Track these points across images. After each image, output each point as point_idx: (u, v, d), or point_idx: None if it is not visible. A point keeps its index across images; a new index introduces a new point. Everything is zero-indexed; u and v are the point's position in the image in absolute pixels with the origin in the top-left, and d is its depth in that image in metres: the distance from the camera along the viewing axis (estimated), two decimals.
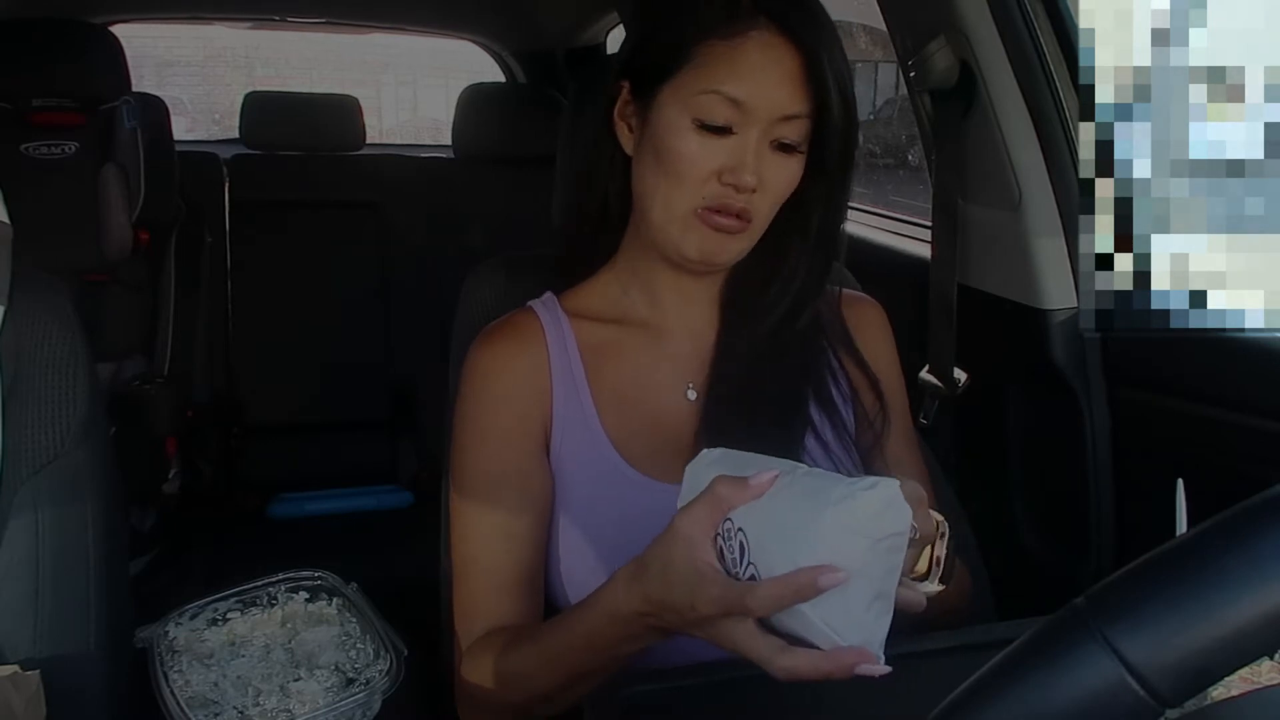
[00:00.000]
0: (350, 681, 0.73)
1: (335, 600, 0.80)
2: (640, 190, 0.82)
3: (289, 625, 0.78)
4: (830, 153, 0.79)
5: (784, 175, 0.78)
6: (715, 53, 0.75)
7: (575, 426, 0.84)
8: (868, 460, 0.89)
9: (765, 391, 0.85)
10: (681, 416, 0.85)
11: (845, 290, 0.93)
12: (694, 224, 0.78)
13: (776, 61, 0.75)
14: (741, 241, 0.80)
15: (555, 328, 0.87)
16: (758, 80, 0.75)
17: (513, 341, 0.86)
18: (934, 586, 0.69)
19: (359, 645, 0.76)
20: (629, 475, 0.82)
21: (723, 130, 0.76)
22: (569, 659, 0.71)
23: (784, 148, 0.77)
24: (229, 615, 0.79)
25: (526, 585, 0.81)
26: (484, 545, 0.82)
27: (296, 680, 0.73)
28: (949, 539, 0.70)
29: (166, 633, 0.77)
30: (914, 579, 0.68)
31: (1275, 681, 0.58)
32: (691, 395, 0.86)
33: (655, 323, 0.88)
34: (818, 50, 0.75)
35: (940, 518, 0.70)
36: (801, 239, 0.84)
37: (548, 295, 0.90)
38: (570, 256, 0.93)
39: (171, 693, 0.71)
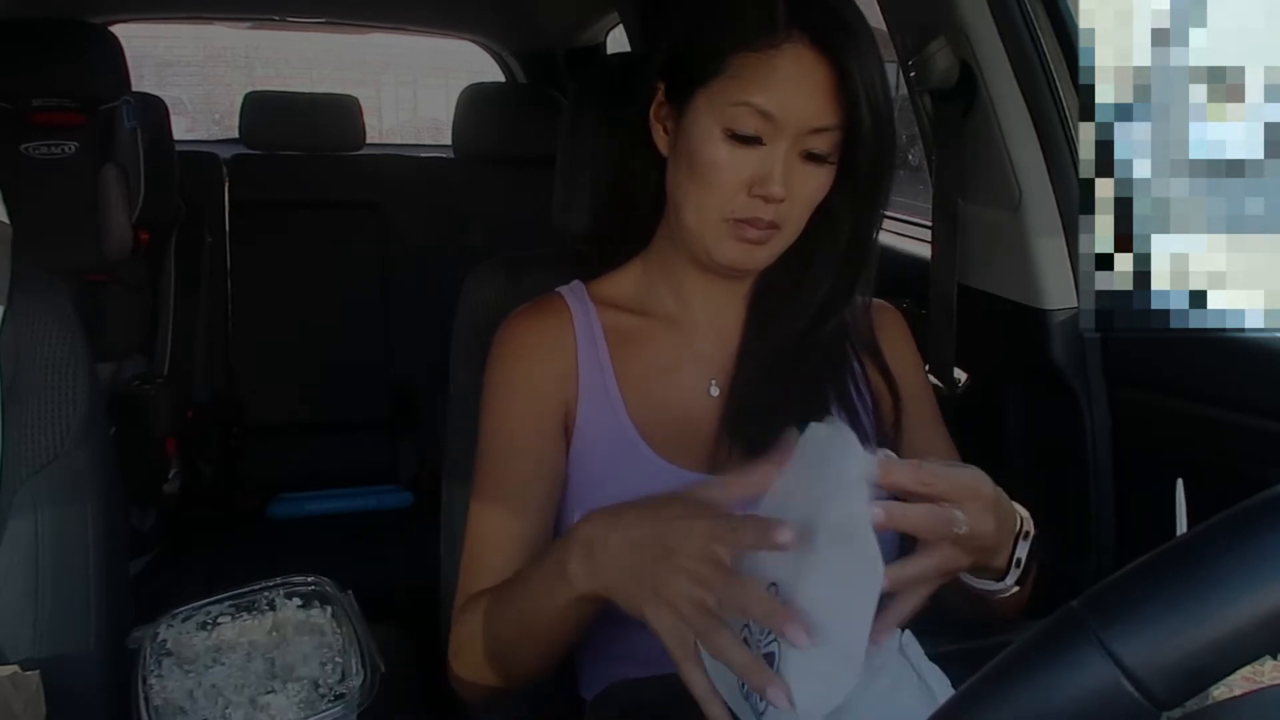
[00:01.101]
0: (323, 696, 0.73)
1: (328, 609, 0.79)
2: (673, 193, 0.83)
3: (275, 633, 0.77)
4: (860, 164, 0.79)
5: (813, 184, 0.79)
6: (748, 64, 0.76)
7: (600, 410, 0.85)
8: None
9: (788, 392, 0.86)
10: (704, 411, 0.87)
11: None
12: (725, 233, 0.79)
13: (808, 74, 0.75)
14: (771, 248, 0.81)
15: (583, 314, 0.89)
16: (789, 93, 0.75)
17: (540, 323, 0.88)
18: (1009, 585, 0.69)
19: (338, 659, 0.75)
20: (652, 459, 0.84)
21: (753, 140, 0.76)
22: (508, 609, 0.73)
23: (814, 158, 0.78)
24: (220, 620, 0.78)
25: (528, 552, 0.82)
26: (496, 507, 0.83)
27: (269, 693, 0.72)
28: (1031, 539, 0.70)
29: (157, 634, 0.76)
30: (989, 578, 0.69)
31: (1277, 681, 0.58)
32: (714, 391, 0.88)
33: (681, 318, 0.89)
34: (849, 64, 0.75)
35: (1025, 514, 0.70)
36: (830, 245, 0.85)
37: (575, 283, 0.92)
38: (597, 247, 0.94)
39: (145, 698, 0.71)
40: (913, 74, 1.31)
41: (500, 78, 3.01)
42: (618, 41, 2.62)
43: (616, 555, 0.63)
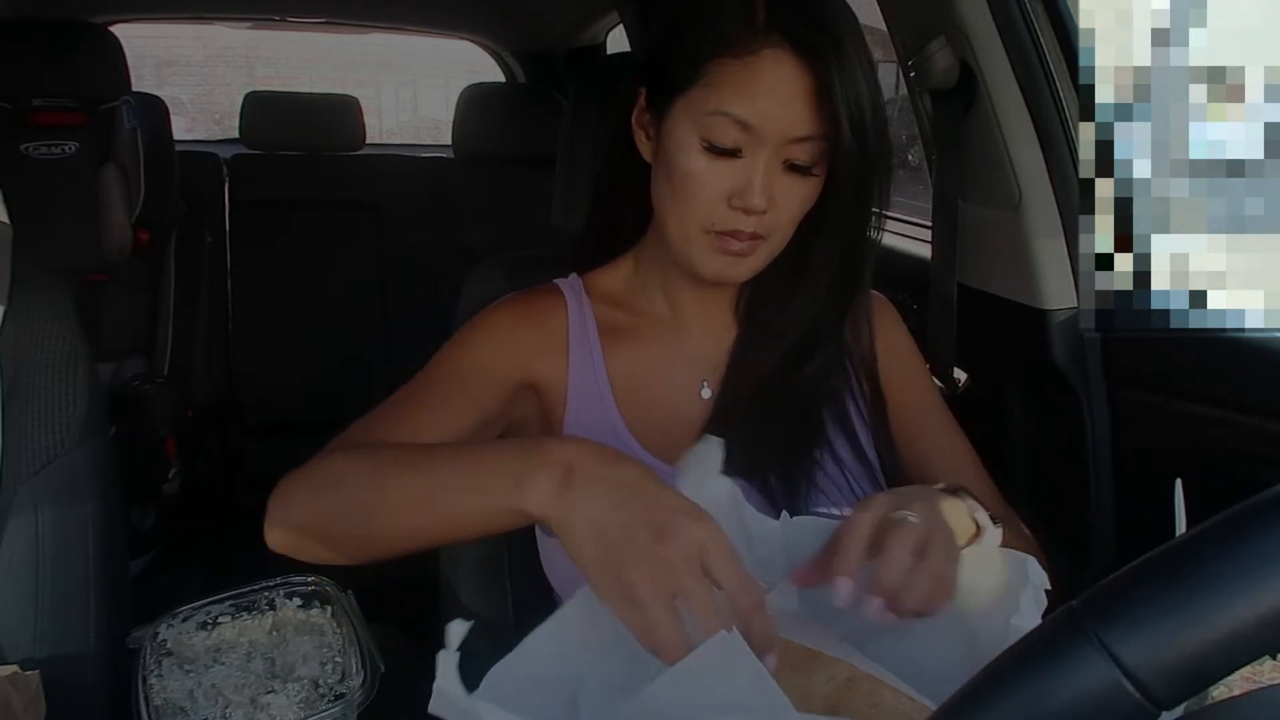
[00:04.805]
0: (323, 696, 0.73)
1: (328, 609, 0.80)
2: (656, 202, 0.81)
3: (275, 633, 0.78)
4: (842, 177, 0.76)
5: (797, 196, 0.76)
6: (725, 71, 0.73)
7: (590, 401, 0.85)
8: (890, 475, 0.88)
9: (781, 401, 0.84)
10: (694, 413, 0.86)
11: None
12: (706, 245, 0.77)
13: (786, 82, 0.72)
14: (756, 260, 0.79)
15: (577, 308, 0.88)
16: (766, 102, 0.72)
17: (535, 308, 0.87)
18: (996, 532, 0.71)
19: (338, 659, 0.75)
20: (641, 455, 0.82)
21: (731, 152, 0.74)
22: (412, 475, 0.66)
23: (796, 168, 0.75)
24: (220, 619, 0.78)
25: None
26: (415, 408, 0.81)
27: (269, 693, 0.72)
28: (963, 492, 0.72)
29: (156, 634, 0.77)
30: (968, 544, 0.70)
31: (1277, 681, 0.58)
32: (706, 394, 0.87)
33: (673, 320, 0.88)
34: (830, 73, 0.71)
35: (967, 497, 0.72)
36: (824, 252, 0.82)
37: (573, 276, 0.91)
38: (589, 246, 0.93)
39: (145, 698, 0.71)
40: (913, 74, 1.31)
41: (500, 78, 3.02)
42: (618, 41, 2.62)
43: (595, 500, 0.57)
